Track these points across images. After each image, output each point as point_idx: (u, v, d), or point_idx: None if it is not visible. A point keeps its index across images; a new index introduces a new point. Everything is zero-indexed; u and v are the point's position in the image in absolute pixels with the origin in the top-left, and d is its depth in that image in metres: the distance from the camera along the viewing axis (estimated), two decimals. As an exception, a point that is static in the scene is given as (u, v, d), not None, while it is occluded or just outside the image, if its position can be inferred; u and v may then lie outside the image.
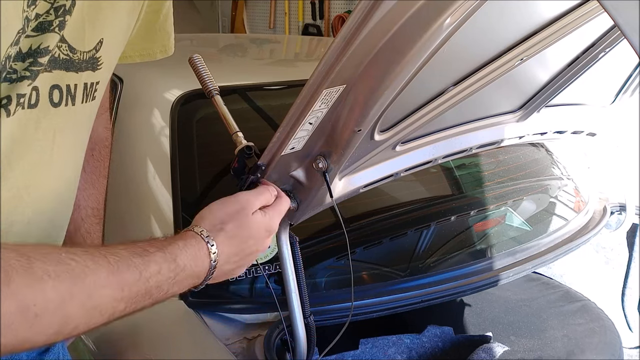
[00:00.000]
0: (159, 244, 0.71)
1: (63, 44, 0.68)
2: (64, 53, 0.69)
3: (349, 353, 1.32)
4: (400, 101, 0.88)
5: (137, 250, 0.67)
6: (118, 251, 0.64)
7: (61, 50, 0.68)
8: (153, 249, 0.68)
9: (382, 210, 1.51)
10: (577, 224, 1.72)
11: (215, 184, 1.40)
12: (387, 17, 0.70)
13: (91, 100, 0.77)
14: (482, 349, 1.39)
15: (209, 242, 0.76)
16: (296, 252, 1.08)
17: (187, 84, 1.47)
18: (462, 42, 0.80)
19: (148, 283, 0.65)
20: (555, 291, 1.76)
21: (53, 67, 0.68)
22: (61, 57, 0.68)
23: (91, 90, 0.76)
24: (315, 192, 0.98)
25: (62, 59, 0.69)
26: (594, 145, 1.93)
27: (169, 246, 0.71)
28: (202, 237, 0.76)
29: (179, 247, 0.72)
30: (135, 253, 0.66)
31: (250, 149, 0.93)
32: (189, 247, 0.73)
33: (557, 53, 1.04)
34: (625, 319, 1.84)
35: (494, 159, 1.82)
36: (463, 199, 1.65)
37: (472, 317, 1.61)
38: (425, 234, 1.51)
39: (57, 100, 0.70)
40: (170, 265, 0.69)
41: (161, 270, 0.67)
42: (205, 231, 0.77)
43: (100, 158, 1.08)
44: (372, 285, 1.34)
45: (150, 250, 0.68)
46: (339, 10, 5.07)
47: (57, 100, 0.70)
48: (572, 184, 1.90)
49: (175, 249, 0.71)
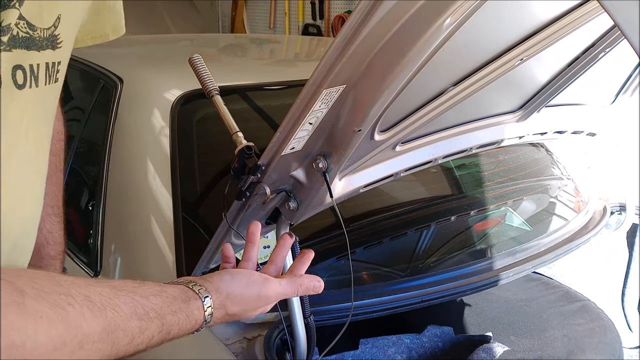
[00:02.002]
0: (161, 308, 0.68)
1: (21, 21, 0.64)
2: (22, 31, 0.65)
3: (349, 353, 1.32)
4: (400, 101, 0.88)
5: (139, 310, 0.65)
6: (119, 306, 0.62)
7: (19, 27, 0.65)
8: (153, 314, 0.66)
9: (382, 210, 1.51)
10: (577, 224, 1.72)
11: (215, 184, 1.40)
12: (387, 17, 0.70)
13: (54, 82, 0.73)
14: (482, 349, 1.38)
15: (206, 320, 0.75)
16: (296, 252, 1.08)
17: (187, 84, 1.47)
18: (462, 42, 0.80)
19: (138, 347, 0.65)
20: (555, 291, 1.76)
21: (13, 46, 0.64)
22: (20, 35, 0.65)
23: (53, 71, 0.72)
24: (315, 192, 0.98)
25: (22, 37, 0.65)
26: (594, 145, 1.93)
27: (170, 317, 0.69)
28: (203, 316, 0.74)
29: (177, 322, 0.70)
30: (136, 314, 0.64)
31: (250, 149, 0.93)
32: (185, 323, 0.72)
33: (557, 53, 1.03)
34: (625, 319, 1.84)
35: (494, 159, 1.82)
36: (463, 199, 1.66)
37: (472, 317, 1.61)
38: (425, 234, 1.51)
39: (22, 82, 0.66)
40: (164, 336, 0.68)
41: (153, 337, 0.67)
42: (210, 308, 0.75)
43: (55, 152, 1.03)
44: (372, 285, 1.34)
45: (150, 315, 0.66)
46: (339, 10, 5.07)
47: (22, 81, 0.66)
48: (572, 184, 1.90)
49: (174, 323, 0.70)
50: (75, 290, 0.59)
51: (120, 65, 1.81)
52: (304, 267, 0.91)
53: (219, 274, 0.82)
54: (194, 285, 0.76)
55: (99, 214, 1.43)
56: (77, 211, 1.65)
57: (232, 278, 0.81)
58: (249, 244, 0.91)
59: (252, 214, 1.03)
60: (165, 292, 0.71)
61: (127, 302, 0.64)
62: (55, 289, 0.57)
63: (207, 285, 0.77)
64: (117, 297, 0.63)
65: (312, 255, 0.93)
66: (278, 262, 0.91)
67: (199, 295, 0.75)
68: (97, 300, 0.60)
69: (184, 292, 0.74)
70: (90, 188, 1.60)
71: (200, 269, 1.17)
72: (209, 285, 0.77)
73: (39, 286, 0.55)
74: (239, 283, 0.81)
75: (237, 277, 0.81)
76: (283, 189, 1.00)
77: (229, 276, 0.81)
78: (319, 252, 1.35)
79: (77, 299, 0.58)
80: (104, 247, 1.39)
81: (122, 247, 1.39)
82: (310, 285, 0.87)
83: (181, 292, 0.73)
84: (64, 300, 0.56)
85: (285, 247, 0.93)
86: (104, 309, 0.60)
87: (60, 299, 0.56)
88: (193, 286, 0.75)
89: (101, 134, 1.55)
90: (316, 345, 1.14)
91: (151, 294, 0.68)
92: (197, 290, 0.75)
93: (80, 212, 1.63)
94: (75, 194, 1.71)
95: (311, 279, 0.88)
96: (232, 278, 0.81)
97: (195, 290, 0.75)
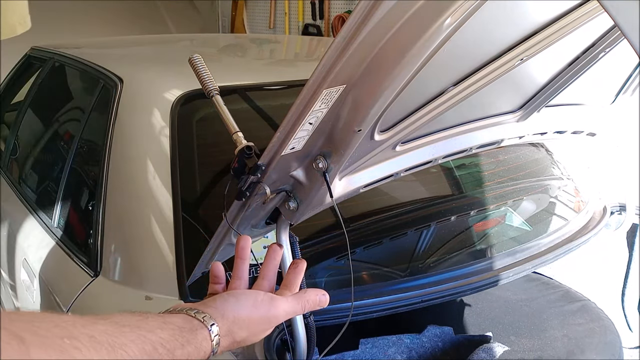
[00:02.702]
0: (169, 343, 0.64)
1: None
2: None
3: (349, 353, 1.32)
4: (400, 101, 0.88)
5: (147, 347, 0.61)
6: (127, 345, 0.59)
7: None
8: (162, 350, 0.63)
9: (382, 210, 1.51)
10: (577, 224, 1.72)
11: (215, 184, 1.40)
12: (387, 17, 0.70)
13: None
14: (482, 349, 1.39)
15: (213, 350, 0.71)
16: (296, 252, 1.08)
17: (187, 84, 1.47)
18: (462, 42, 0.80)
19: None
20: (555, 291, 1.76)
21: None
22: None
23: None
24: (315, 192, 0.98)
25: None
26: (594, 145, 1.93)
27: (179, 351, 0.65)
28: (211, 345, 0.70)
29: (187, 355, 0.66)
30: (145, 352, 0.60)
31: (250, 149, 0.93)
32: (195, 354, 0.68)
33: (557, 53, 1.03)
34: (625, 319, 1.84)
35: (494, 159, 1.82)
36: (463, 199, 1.66)
37: (472, 317, 1.61)
38: (425, 234, 1.51)
39: None
40: None
41: None
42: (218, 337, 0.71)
43: None
44: (372, 285, 1.34)
45: (160, 351, 0.62)
46: (339, 10, 5.07)
47: None
48: (572, 184, 1.90)
49: (183, 356, 0.66)
50: (78, 330, 0.55)
51: (120, 65, 1.81)
52: (299, 279, 0.88)
53: (222, 297, 0.77)
54: (197, 313, 0.71)
55: (99, 214, 1.43)
56: (77, 211, 1.65)
57: (237, 301, 0.76)
58: (238, 260, 0.86)
59: (252, 214, 1.03)
60: (170, 324, 0.67)
61: (134, 340, 0.60)
62: (57, 332, 0.53)
63: (211, 312, 0.73)
64: (123, 335, 0.60)
65: (304, 265, 0.89)
66: (270, 276, 0.87)
67: (205, 323, 0.70)
68: (104, 340, 0.56)
69: (189, 322, 0.69)
70: (90, 188, 1.60)
71: (200, 269, 1.17)
72: (213, 311, 0.73)
73: (40, 331, 0.52)
74: (245, 306, 0.76)
75: (242, 300, 0.77)
76: (283, 189, 1.00)
77: (234, 299, 0.77)
78: (319, 252, 1.36)
79: (83, 341, 0.54)
80: (104, 247, 1.39)
81: (122, 247, 1.39)
82: (317, 299, 0.85)
83: (185, 321, 0.69)
84: (69, 345, 0.53)
85: (275, 260, 0.88)
86: (112, 349, 0.56)
87: (65, 343, 0.52)
88: (196, 314, 0.71)
89: (101, 134, 1.55)
90: (316, 345, 1.14)
91: (156, 327, 0.65)
92: (202, 319, 0.71)
93: (80, 212, 1.63)
94: (75, 194, 1.71)
95: (316, 293, 0.85)
96: (237, 301, 0.76)
97: (200, 319, 0.71)
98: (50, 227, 1.69)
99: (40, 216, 1.80)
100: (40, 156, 2.11)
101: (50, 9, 5.49)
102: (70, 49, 2.23)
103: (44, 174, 2.02)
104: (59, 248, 1.59)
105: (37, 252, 1.70)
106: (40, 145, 2.13)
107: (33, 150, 2.17)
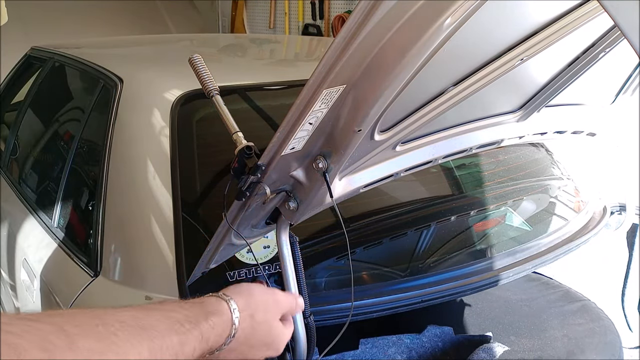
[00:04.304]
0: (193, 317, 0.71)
1: None
2: None
3: (349, 353, 1.32)
4: (400, 101, 0.88)
5: (175, 326, 0.67)
6: (155, 325, 0.64)
7: None
8: (189, 326, 0.68)
9: (382, 210, 1.51)
10: (577, 224, 1.72)
11: (215, 184, 1.40)
12: (387, 17, 0.70)
13: None
14: (482, 349, 1.38)
15: (234, 323, 0.78)
16: (296, 252, 1.08)
17: (187, 84, 1.47)
18: (462, 42, 0.80)
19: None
20: (555, 291, 1.76)
21: None
22: None
23: None
24: (315, 192, 0.98)
25: None
26: (594, 145, 1.93)
27: (205, 323, 0.72)
28: (232, 318, 0.78)
29: (212, 327, 0.73)
30: (173, 330, 0.66)
31: (250, 149, 0.93)
32: (219, 325, 0.75)
33: (557, 53, 1.03)
34: (625, 319, 1.84)
35: (494, 159, 1.82)
36: (463, 199, 1.65)
37: (472, 317, 1.61)
38: (425, 234, 1.51)
39: None
40: (203, 346, 0.71)
41: (195, 350, 0.69)
42: (237, 310, 0.79)
43: None
44: (372, 285, 1.34)
45: (186, 326, 0.68)
46: (339, 10, 5.07)
47: None
48: (572, 184, 1.90)
49: (209, 329, 0.72)
50: (110, 318, 0.60)
51: (120, 65, 1.81)
52: None
53: (234, 285, 0.86)
54: (214, 294, 0.79)
55: (99, 214, 1.43)
56: (77, 211, 1.65)
57: (248, 285, 0.86)
58: None
59: (252, 214, 1.03)
60: (191, 302, 0.74)
61: (161, 320, 0.66)
62: (92, 322, 0.59)
63: (226, 292, 0.81)
64: (151, 316, 0.65)
65: None
66: None
67: (222, 297, 0.78)
68: (135, 324, 0.62)
69: (208, 299, 0.77)
70: (90, 188, 1.60)
71: (200, 269, 1.17)
72: (228, 291, 0.81)
73: (79, 322, 0.57)
74: (256, 288, 0.86)
75: (252, 285, 0.87)
76: (283, 189, 1.00)
77: (246, 285, 0.86)
78: (319, 252, 1.36)
79: (116, 325, 0.59)
80: (104, 247, 1.39)
81: (122, 247, 1.39)
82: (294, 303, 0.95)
83: (204, 299, 0.77)
84: (106, 331, 0.58)
85: None
86: (143, 330, 0.62)
87: (102, 331, 0.58)
88: (213, 294, 0.79)
89: (101, 134, 1.55)
90: (316, 345, 1.14)
91: (178, 306, 0.71)
92: (219, 295, 0.79)
93: (80, 212, 1.63)
94: (75, 194, 1.71)
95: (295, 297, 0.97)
96: (248, 285, 0.86)
97: (218, 295, 0.79)
98: (50, 227, 1.69)
99: (40, 216, 1.80)
100: (40, 156, 2.11)
101: (50, 9, 5.49)
102: (70, 49, 2.23)
103: (44, 174, 2.02)
104: (59, 248, 1.59)
105: (37, 252, 1.70)
106: (40, 145, 2.13)
107: (33, 150, 2.17)
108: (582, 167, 1.99)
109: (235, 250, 1.18)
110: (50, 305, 1.52)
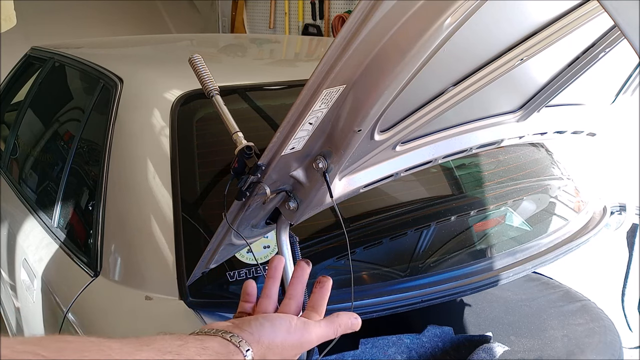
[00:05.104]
0: None
1: None
2: None
3: (349, 353, 1.32)
4: (400, 101, 0.88)
5: None
6: None
7: None
8: None
9: (382, 210, 1.51)
10: (577, 224, 1.72)
11: (215, 184, 1.40)
12: (387, 17, 0.70)
13: None
14: (482, 349, 1.38)
15: None
16: (296, 252, 1.08)
17: (187, 84, 1.47)
18: (462, 42, 0.80)
19: None
20: (555, 291, 1.76)
21: None
22: None
23: None
24: (315, 192, 0.98)
25: None
26: (594, 145, 1.93)
27: None
28: None
29: None
30: None
31: (250, 149, 0.93)
32: None
33: (557, 53, 1.03)
34: (625, 319, 1.84)
35: (494, 159, 1.82)
36: (463, 199, 1.66)
37: (472, 317, 1.61)
38: (425, 234, 1.51)
39: None
40: None
41: None
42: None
43: None
44: (372, 285, 1.34)
45: None
46: (339, 10, 5.07)
47: None
48: (572, 184, 1.90)
49: None
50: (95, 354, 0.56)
51: (120, 65, 1.81)
52: (326, 299, 0.86)
53: (258, 321, 0.76)
54: (232, 337, 0.71)
55: (99, 214, 1.43)
56: (77, 211, 1.65)
57: (272, 326, 0.75)
58: (270, 279, 0.85)
59: (252, 214, 1.03)
60: (208, 349, 0.67)
61: None
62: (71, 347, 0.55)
63: (246, 337, 0.72)
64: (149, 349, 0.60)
65: (330, 284, 0.86)
66: (298, 296, 0.84)
67: (240, 348, 0.70)
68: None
69: (225, 346, 0.69)
70: (90, 188, 1.60)
71: (200, 269, 1.17)
72: (248, 336, 0.72)
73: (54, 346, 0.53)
74: (280, 331, 0.76)
75: (277, 325, 0.76)
76: (283, 189, 1.00)
77: (269, 324, 0.76)
78: (319, 252, 1.36)
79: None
80: (104, 247, 1.39)
81: (122, 247, 1.39)
82: (349, 323, 0.83)
83: (221, 345, 0.69)
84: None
85: (303, 278, 0.85)
86: None
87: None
88: (232, 338, 0.71)
89: (101, 134, 1.55)
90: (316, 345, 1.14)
91: (196, 354, 0.65)
92: (238, 343, 0.70)
93: (80, 212, 1.63)
94: (75, 194, 1.71)
95: (349, 317, 0.83)
96: (272, 326, 0.75)
97: (235, 343, 0.70)
98: (50, 227, 1.69)
99: (40, 216, 1.80)
100: (40, 156, 2.11)
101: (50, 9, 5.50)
102: (70, 49, 2.23)
103: (44, 174, 2.02)
104: (59, 248, 1.59)
105: (37, 252, 1.70)
106: (41, 145, 2.13)
107: (33, 150, 2.17)
108: (582, 167, 1.99)
109: (235, 250, 1.18)
110: (50, 306, 1.52)
